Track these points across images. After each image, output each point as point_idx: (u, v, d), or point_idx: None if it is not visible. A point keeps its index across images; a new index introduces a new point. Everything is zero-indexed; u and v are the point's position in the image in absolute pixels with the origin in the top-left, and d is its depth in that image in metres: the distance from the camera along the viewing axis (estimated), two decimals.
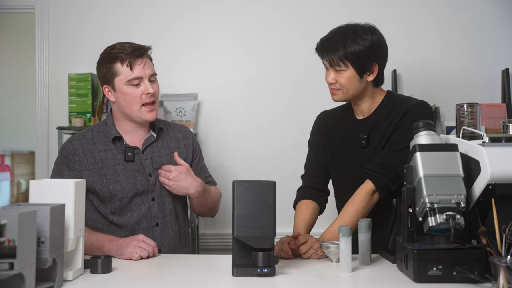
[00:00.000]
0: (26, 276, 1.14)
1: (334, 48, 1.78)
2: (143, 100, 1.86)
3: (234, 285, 1.39)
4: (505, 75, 3.03)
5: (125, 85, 1.85)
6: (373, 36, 1.80)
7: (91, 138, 1.92)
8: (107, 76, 1.87)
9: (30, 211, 1.16)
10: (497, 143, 1.42)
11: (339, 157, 1.95)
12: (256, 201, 1.42)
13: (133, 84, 1.85)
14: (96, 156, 1.88)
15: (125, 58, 1.83)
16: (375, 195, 1.77)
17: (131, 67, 1.84)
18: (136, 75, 1.84)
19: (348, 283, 1.41)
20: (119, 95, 1.87)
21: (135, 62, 1.84)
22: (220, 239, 2.98)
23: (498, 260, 1.22)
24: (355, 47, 1.76)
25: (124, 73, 1.84)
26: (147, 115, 1.87)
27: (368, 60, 1.79)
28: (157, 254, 1.72)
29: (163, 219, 1.91)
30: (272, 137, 3.16)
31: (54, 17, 3.22)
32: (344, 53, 1.77)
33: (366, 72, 1.81)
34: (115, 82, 1.86)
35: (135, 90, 1.85)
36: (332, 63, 1.79)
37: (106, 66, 1.86)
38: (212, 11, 3.20)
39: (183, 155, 2.00)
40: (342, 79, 1.80)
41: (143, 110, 1.87)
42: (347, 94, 1.83)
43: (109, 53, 1.87)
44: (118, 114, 1.93)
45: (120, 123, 1.93)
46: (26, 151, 5.51)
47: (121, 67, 1.84)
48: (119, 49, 1.85)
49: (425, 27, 3.16)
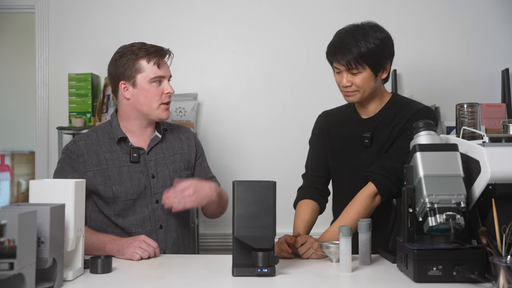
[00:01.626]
0: (26, 276, 1.14)
1: (348, 51, 1.76)
2: (162, 99, 1.88)
3: (234, 285, 1.39)
4: (505, 75, 3.03)
5: (148, 83, 1.86)
6: (381, 34, 1.81)
7: (96, 139, 1.91)
8: (127, 71, 1.86)
9: (30, 211, 1.16)
10: (497, 143, 1.42)
11: (341, 157, 1.94)
12: (256, 201, 1.42)
13: (156, 82, 1.87)
14: (101, 157, 1.88)
15: (152, 57, 1.86)
16: (377, 198, 1.77)
17: (159, 66, 1.86)
18: (162, 73, 1.87)
19: (348, 283, 1.41)
20: (139, 92, 1.87)
21: (162, 61, 1.88)
22: (220, 239, 2.98)
23: (498, 260, 1.22)
24: (369, 46, 1.75)
25: (149, 70, 1.85)
26: (163, 114, 1.90)
27: (382, 57, 1.80)
28: (158, 255, 1.72)
29: (167, 222, 1.91)
30: (272, 137, 3.16)
31: (54, 17, 3.21)
32: (359, 54, 1.75)
33: (380, 71, 1.82)
34: (137, 79, 1.86)
35: (157, 88, 1.87)
36: (350, 66, 1.77)
37: (129, 62, 1.86)
38: (212, 11, 3.20)
39: (186, 156, 2.00)
40: (357, 80, 1.79)
41: (161, 109, 1.89)
42: (363, 94, 1.83)
43: (131, 49, 1.87)
44: (128, 113, 1.91)
45: (127, 123, 1.92)
46: (26, 151, 5.51)
47: (147, 64, 1.85)
48: (140, 48, 1.87)
49: (425, 27, 3.16)
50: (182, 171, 1.97)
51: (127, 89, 1.88)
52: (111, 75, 1.92)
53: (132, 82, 1.87)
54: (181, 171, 1.96)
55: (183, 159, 1.99)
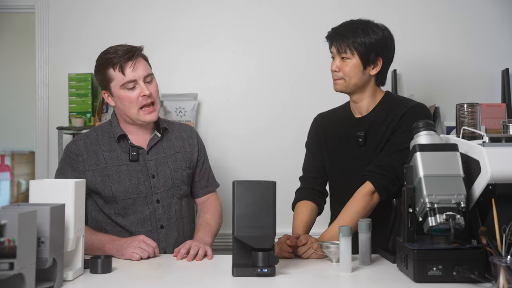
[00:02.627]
0: (26, 276, 1.14)
1: (344, 36, 1.83)
2: (140, 102, 1.84)
3: (234, 285, 1.39)
4: (505, 75, 3.03)
5: (120, 90, 1.84)
6: (384, 32, 1.85)
7: (95, 139, 1.92)
8: (103, 82, 1.88)
9: (30, 211, 1.16)
10: (497, 143, 1.42)
11: (337, 157, 1.95)
12: (256, 201, 1.42)
13: (128, 88, 1.83)
14: (100, 156, 1.88)
15: (116, 62, 1.82)
16: (375, 196, 1.77)
17: (123, 71, 1.82)
18: (129, 78, 1.82)
19: (348, 283, 1.41)
20: (117, 100, 1.87)
21: (126, 65, 1.82)
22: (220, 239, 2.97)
23: (498, 260, 1.22)
24: (365, 38, 1.81)
25: (117, 78, 1.83)
26: (146, 117, 1.86)
27: (374, 52, 1.83)
28: (157, 255, 1.72)
29: (168, 222, 1.91)
30: (272, 136, 3.16)
31: (54, 17, 3.21)
32: (352, 41, 1.82)
33: (370, 64, 1.84)
34: (111, 88, 1.86)
35: (131, 93, 1.84)
36: (340, 49, 1.84)
37: (101, 73, 1.86)
38: (212, 11, 3.20)
39: (188, 155, 1.99)
40: (346, 68, 1.84)
41: (141, 113, 1.86)
42: (348, 83, 1.86)
43: (101, 58, 1.86)
44: (120, 117, 1.94)
45: (124, 125, 1.93)
46: (26, 151, 5.51)
47: (114, 72, 1.83)
48: (111, 53, 1.84)
49: (425, 27, 3.16)
50: (184, 170, 1.96)
51: (110, 97, 1.90)
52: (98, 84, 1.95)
53: (109, 91, 1.88)
54: (182, 170, 1.96)
55: (184, 158, 1.98)
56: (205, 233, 1.88)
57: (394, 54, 1.91)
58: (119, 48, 1.85)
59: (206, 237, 1.86)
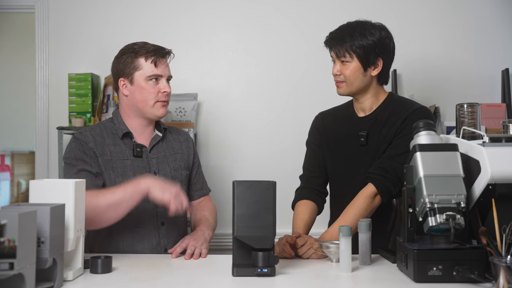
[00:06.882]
0: (26, 276, 1.14)
1: (342, 40, 1.83)
2: (158, 97, 1.90)
3: (234, 285, 1.39)
4: (505, 75, 3.03)
5: (144, 80, 1.88)
6: (382, 32, 1.84)
7: (100, 132, 1.94)
8: (126, 69, 1.90)
9: (30, 211, 1.16)
10: (497, 143, 1.42)
11: (338, 156, 1.95)
12: (256, 201, 1.42)
13: (153, 80, 1.89)
14: (106, 149, 1.90)
15: (150, 55, 1.88)
16: (377, 198, 1.77)
17: (156, 64, 1.89)
18: (159, 72, 1.89)
19: (348, 283, 1.41)
20: (136, 89, 1.89)
21: (160, 61, 1.90)
22: (220, 239, 2.97)
23: (498, 260, 1.22)
24: (362, 41, 1.81)
25: (147, 68, 1.88)
26: (159, 110, 1.91)
27: (374, 54, 1.82)
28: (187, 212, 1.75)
29: (169, 218, 1.91)
30: (272, 136, 3.16)
31: (54, 17, 3.21)
32: (350, 45, 1.81)
33: (370, 66, 1.84)
34: (135, 76, 1.89)
35: (153, 86, 1.89)
36: (339, 54, 1.84)
37: (128, 60, 1.89)
38: (212, 11, 3.20)
39: (185, 157, 2.04)
40: (346, 71, 1.84)
41: (157, 105, 1.90)
42: (351, 86, 1.86)
43: (130, 48, 1.92)
44: (128, 111, 1.94)
45: (128, 121, 1.95)
46: (26, 151, 5.51)
47: (145, 62, 1.88)
48: (141, 46, 1.91)
49: (425, 27, 3.16)
50: (183, 170, 2.00)
51: (125, 86, 1.92)
52: (113, 72, 1.97)
53: (130, 79, 1.90)
54: (181, 170, 1.99)
55: (183, 159, 2.02)
56: (206, 227, 1.91)
57: (395, 52, 1.91)
58: (149, 44, 1.92)
59: (207, 230, 1.89)
